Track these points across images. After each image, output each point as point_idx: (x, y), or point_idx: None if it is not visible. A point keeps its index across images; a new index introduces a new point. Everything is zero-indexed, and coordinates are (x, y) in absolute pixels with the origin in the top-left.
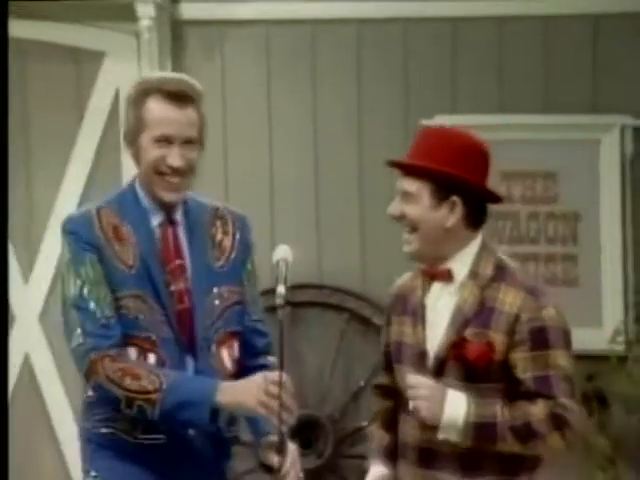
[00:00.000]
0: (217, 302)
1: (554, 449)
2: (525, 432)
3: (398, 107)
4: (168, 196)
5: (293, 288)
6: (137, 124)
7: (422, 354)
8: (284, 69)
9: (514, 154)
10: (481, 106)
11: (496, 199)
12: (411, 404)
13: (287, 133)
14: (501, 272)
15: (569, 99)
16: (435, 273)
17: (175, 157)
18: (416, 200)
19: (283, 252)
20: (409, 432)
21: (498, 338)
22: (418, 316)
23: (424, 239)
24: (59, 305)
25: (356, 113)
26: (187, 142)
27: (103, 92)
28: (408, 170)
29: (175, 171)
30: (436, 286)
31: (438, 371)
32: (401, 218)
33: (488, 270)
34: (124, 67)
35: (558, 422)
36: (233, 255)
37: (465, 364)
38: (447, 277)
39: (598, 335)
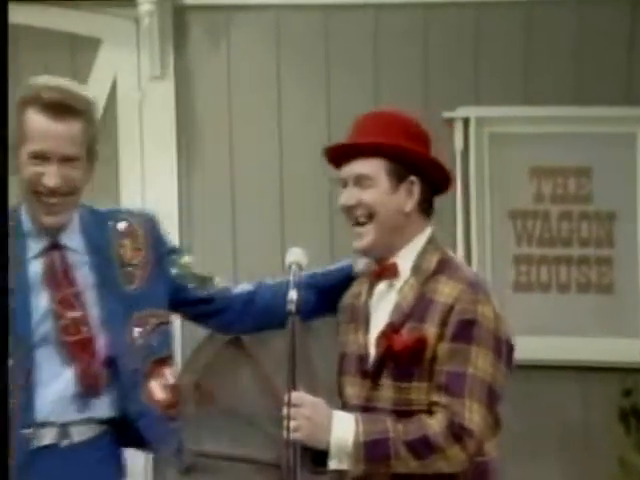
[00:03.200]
0: (138, 330)
1: (455, 463)
2: (421, 446)
3: (418, 99)
4: (47, 219)
5: None
6: (17, 135)
7: (362, 359)
8: (295, 58)
9: (544, 149)
10: (507, 97)
11: (448, 182)
12: (292, 425)
13: (298, 127)
14: (444, 265)
15: (603, 90)
16: (381, 270)
17: (51, 176)
18: (373, 183)
19: (296, 255)
20: None
21: (431, 331)
22: (361, 320)
23: (381, 228)
24: None
25: (372, 105)
26: (67, 160)
27: (99, 82)
28: (359, 150)
29: (52, 192)
30: (381, 286)
31: (376, 373)
32: (355, 208)
33: (431, 264)
34: (122, 55)
35: (457, 433)
36: (149, 272)
37: (395, 359)
38: (393, 273)
39: (635, 346)
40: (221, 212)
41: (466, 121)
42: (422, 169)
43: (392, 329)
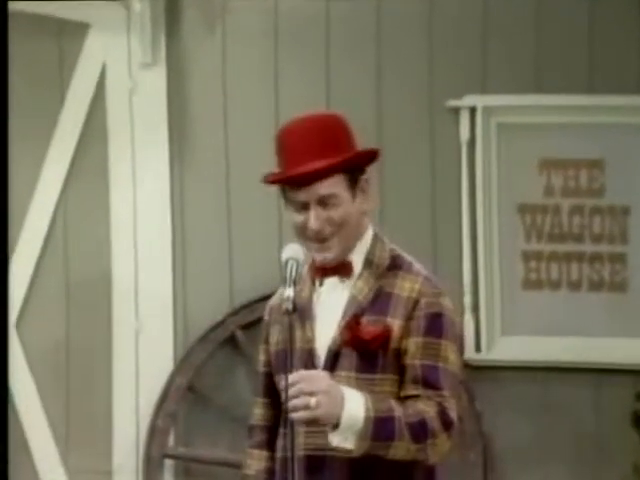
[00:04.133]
0: None
1: (441, 452)
2: (421, 430)
3: (422, 86)
4: None
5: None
6: None
7: (310, 353)
8: (294, 44)
9: (554, 140)
10: (516, 85)
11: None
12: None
13: None
14: (397, 261)
15: (616, 78)
16: (334, 268)
17: None
18: (338, 201)
19: (293, 251)
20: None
21: (395, 323)
22: (306, 315)
23: (346, 237)
24: (38, 311)
25: (375, 95)
26: None
27: (88, 68)
28: (320, 175)
29: None
30: (329, 281)
31: (332, 365)
32: (323, 228)
33: (385, 259)
34: (112, 41)
35: (447, 422)
36: None
37: (360, 349)
38: (349, 270)
39: None
40: (216, 205)
41: (473, 110)
42: (368, 165)
43: (356, 320)
